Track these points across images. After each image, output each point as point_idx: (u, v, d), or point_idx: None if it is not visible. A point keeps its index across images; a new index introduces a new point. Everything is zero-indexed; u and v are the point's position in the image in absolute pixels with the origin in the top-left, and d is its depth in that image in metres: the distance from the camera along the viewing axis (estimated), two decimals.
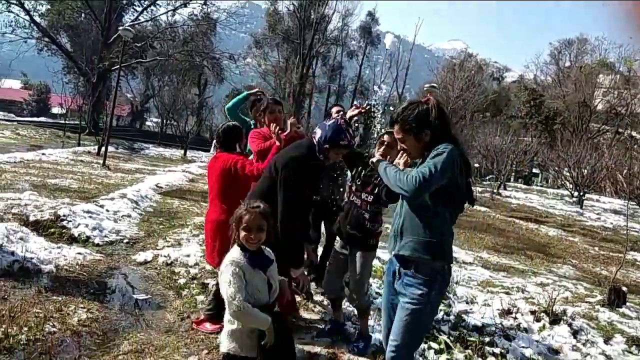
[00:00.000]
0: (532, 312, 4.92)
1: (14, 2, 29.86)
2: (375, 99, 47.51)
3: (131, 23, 31.83)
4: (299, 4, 42.47)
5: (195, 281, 4.81)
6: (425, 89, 21.04)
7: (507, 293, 5.87)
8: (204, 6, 35.93)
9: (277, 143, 3.68)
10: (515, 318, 4.79)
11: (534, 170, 42.86)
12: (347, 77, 52.41)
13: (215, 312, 3.68)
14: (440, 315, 4.37)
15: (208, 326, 3.75)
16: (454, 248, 5.55)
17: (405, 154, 2.63)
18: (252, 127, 4.52)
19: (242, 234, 2.39)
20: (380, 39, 54.42)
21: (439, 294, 2.57)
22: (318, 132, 3.18)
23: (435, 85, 22.86)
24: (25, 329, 3.26)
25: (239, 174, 3.67)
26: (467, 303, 5.02)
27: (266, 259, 2.46)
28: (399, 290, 2.57)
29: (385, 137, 3.36)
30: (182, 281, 4.79)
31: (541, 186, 38.86)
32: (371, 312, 3.95)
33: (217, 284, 3.78)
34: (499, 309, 4.92)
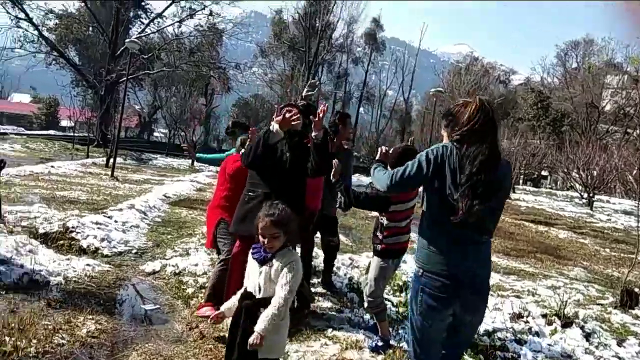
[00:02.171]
0: (544, 316, 4.88)
1: (23, 17, 30.30)
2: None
3: (138, 35, 32.15)
4: (304, 13, 42.70)
5: (203, 290, 4.81)
6: (431, 93, 21.01)
7: (517, 297, 5.82)
8: (210, 17, 36.23)
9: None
10: (527, 322, 4.75)
11: (543, 173, 42.49)
12: (353, 84, 52.51)
13: (216, 296, 3.94)
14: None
15: (209, 312, 3.83)
16: None
17: None
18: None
19: (261, 238, 2.48)
20: (385, 45, 54.49)
21: (414, 299, 2.54)
22: None
23: (441, 89, 22.84)
24: (35, 341, 3.27)
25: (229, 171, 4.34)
26: None
27: (266, 255, 2.49)
28: None
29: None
30: (190, 290, 4.80)
31: (550, 188, 38.53)
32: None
33: (218, 270, 4.09)
34: (509, 313, 4.88)
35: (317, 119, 3.38)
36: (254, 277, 2.52)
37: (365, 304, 3.85)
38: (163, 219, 8.76)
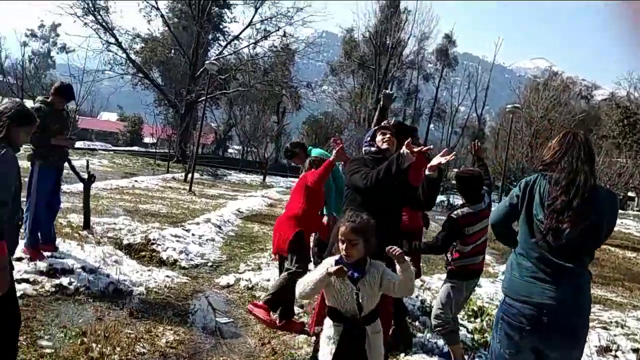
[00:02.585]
0: (635, 350, 4.47)
1: (113, 42, 32.94)
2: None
3: (216, 57, 33.77)
4: (375, 31, 42.91)
5: None
6: (507, 109, 20.21)
7: (604, 328, 5.37)
8: (283, 38, 37.48)
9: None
10: (616, 357, 4.37)
11: (630, 194, 39.40)
12: (423, 100, 51.85)
13: (274, 303, 4.15)
14: None
15: (261, 313, 4.10)
16: None
17: None
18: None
19: (342, 250, 2.45)
20: (457, 61, 53.44)
21: (495, 325, 2.45)
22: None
23: (518, 105, 21.90)
24: (118, 349, 3.44)
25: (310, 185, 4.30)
26: None
27: (358, 272, 2.43)
28: None
29: None
30: None
31: (638, 211, 35.61)
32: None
33: (284, 278, 4.16)
34: (596, 346, 4.51)
35: (432, 165, 3.26)
36: (349, 298, 2.44)
37: (434, 324, 3.76)
38: (236, 233, 9.01)
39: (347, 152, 5.84)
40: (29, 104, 5.10)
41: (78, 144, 22.09)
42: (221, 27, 39.45)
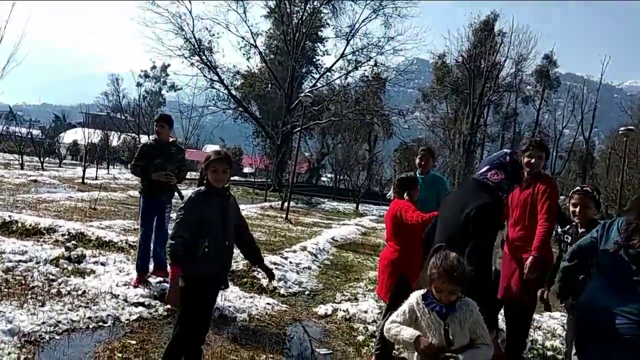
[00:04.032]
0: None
1: (216, 79, 35.47)
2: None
3: (310, 89, 34.99)
4: (468, 55, 41.94)
5: (373, 339, 4.78)
6: (620, 132, 18.55)
7: None
8: (374, 68, 37.94)
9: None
10: None
11: None
12: (523, 124, 49.14)
13: (385, 352, 3.99)
14: None
15: None
16: None
17: None
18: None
19: (435, 292, 2.39)
20: (559, 82, 50.30)
21: None
22: (494, 173, 3.08)
23: (632, 127, 20.00)
24: None
25: (403, 218, 3.97)
26: None
27: (447, 308, 2.37)
28: None
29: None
30: (360, 338, 4.82)
31: None
32: None
33: (384, 324, 3.82)
34: None
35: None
36: (436, 332, 2.39)
37: None
38: (332, 262, 9.07)
39: (442, 177, 5.69)
40: (144, 139, 5.66)
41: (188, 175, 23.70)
42: (314, 60, 40.92)
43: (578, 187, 3.73)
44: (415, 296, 2.46)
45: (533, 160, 3.99)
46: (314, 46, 40.13)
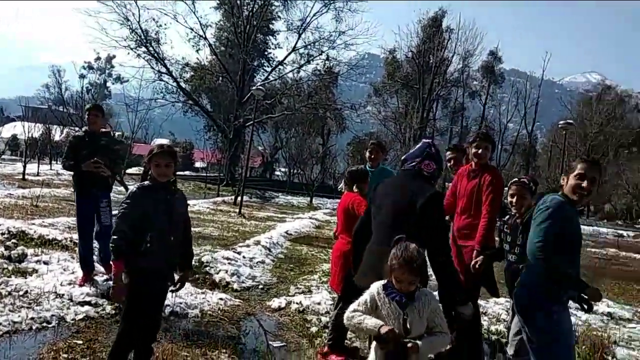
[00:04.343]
0: None
1: (165, 71, 34.52)
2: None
3: (262, 82, 34.68)
4: (417, 51, 42.82)
5: (326, 330, 4.82)
6: (560, 125, 19.51)
7: None
8: (326, 62, 38.07)
9: None
10: None
11: None
12: (470, 118, 50.78)
13: (337, 342, 4.06)
14: None
15: (333, 358, 3.97)
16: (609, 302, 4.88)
17: None
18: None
19: (395, 282, 2.44)
20: (504, 77, 52.23)
21: None
22: (427, 163, 3.13)
23: (571, 121, 21.11)
24: None
25: (355, 211, 4.03)
26: None
27: (407, 298, 2.42)
28: None
29: None
30: (314, 329, 4.84)
31: None
32: None
33: (337, 314, 3.99)
34: None
35: None
36: (395, 321, 2.42)
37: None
38: (285, 255, 9.06)
39: (391, 171, 5.67)
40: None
41: (133, 170, 22.93)
42: (266, 53, 40.57)
43: (515, 179, 3.92)
44: (376, 286, 2.50)
45: (480, 151, 4.16)
46: (265, 39, 39.75)
